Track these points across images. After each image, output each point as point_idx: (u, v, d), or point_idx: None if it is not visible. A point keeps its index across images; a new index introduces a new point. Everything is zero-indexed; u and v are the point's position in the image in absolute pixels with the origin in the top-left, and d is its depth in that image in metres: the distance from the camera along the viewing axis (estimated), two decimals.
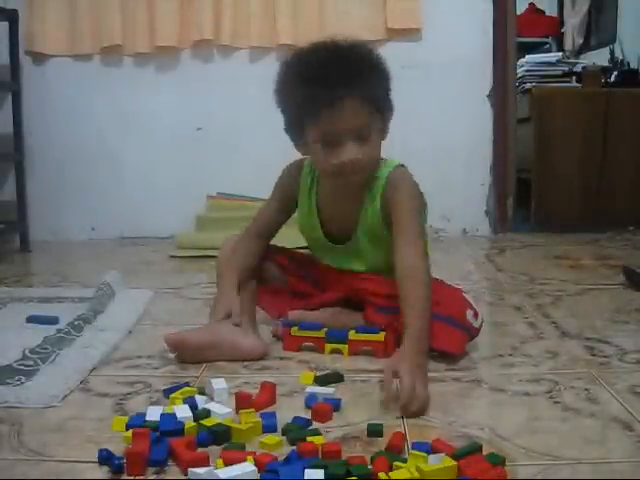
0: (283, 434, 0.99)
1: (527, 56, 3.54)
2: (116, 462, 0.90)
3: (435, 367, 1.29)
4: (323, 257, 1.53)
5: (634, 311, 1.68)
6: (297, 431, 0.99)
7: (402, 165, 1.43)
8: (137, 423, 1.00)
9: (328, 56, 1.30)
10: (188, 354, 1.32)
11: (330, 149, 1.31)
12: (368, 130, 1.31)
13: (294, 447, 0.93)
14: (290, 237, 1.63)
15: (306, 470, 0.84)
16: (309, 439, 0.94)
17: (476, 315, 1.34)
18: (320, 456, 0.90)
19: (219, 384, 1.15)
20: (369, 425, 1.00)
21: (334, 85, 1.25)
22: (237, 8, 2.78)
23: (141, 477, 0.89)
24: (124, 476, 0.89)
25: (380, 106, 1.34)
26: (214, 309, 1.44)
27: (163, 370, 1.30)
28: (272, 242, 1.56)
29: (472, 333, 1.34)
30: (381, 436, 0.98)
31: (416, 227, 1.33)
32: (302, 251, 1.61)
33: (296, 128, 1.36)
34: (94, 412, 1.10)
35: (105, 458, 0.91)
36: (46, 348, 1.36)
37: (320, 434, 0.97)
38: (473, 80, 2.84)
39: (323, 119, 1.28)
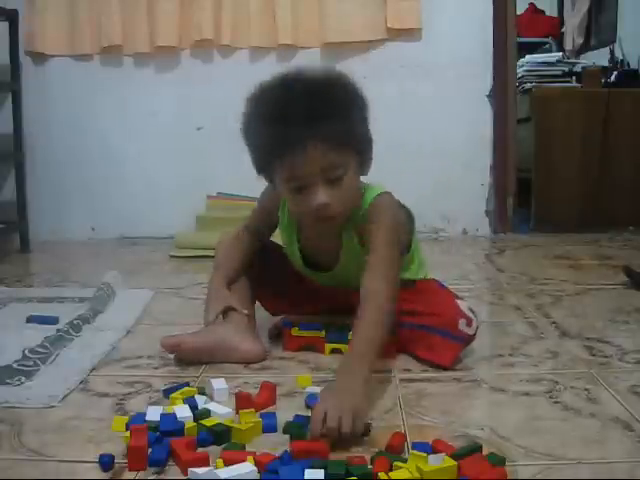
0: (284, 434, 1.00)
1: (527, 56, 3.54)
2: (106, 460, 0.90)
3: (435, 367, 1.29)
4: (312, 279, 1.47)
5: (634, 311, 1.68)
6: (298, 429, 0.99)
7: (385, 192, 1.32)
8: (137, 423, 1.00)
9: (291, 95, 1.18)
10: (185, 357, 1.32)
11: (299, 195, 1.22)
12: (339, 171, 1.20)
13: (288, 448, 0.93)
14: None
15: (306, 470, 0.84)
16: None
17: (470, 323, 1.29)
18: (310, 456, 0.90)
19: (219, 384, 1.15)
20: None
21: (297, 127, 1.15)
22: (237, 8, 2.78)
23: (142, 478, 0.89)
24: (125, 474, 0.89)
25: (352, 142, 1.21)
26: (207, 311, 1.40)
27: (163, 370, 1.30)
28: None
29: (466, 340, 1.31)
30: (367, 435, 0.98)
31: (388, 256, 1.23)
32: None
33: (265, 170, 1.28)
34: (94, 412, 1.10)
35: (106, 464, 0.91)
36: (46, 348, 1.36)
37: None
38: (473, 80, 2.83)
39: (288, 163, 1.19)
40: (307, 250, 1.41)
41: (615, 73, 3.36)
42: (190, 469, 0.86)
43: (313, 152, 1.17)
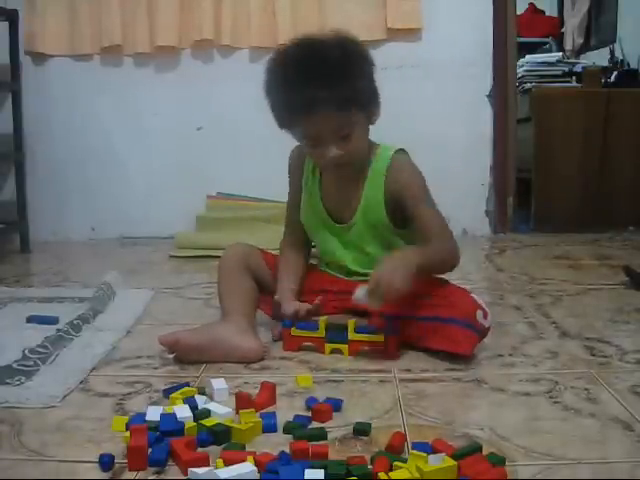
0: (284, 434, 1.00)
1: (527, 56, 3.54)
2: (106, 460, 0.90)
3: (435, 367, 1.29)
4: (325, 248, 1.53)
5: (634, 311, 1.68)
6: (299, 429, 0.99)
7: (401, 149, 1.48)
8: (137, 423, 1.00)
9: (303, 66, 1.33)
10: (183, 355, 1.32)
11: (315, 148, 1.40)
12: (347, 129, 1.36)
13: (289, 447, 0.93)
14: (269, 238, 1.65)
15: (306, 470, 0.84)
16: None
17: (485, 315, 1.34)
18: (310, 456, 0.90)
19: (219, 384, 1.15)
20: (356, 424, 1.01)
21: (308, 97, 1.30)
22: (237, 8, 2.78)
23: (142, 478, 0.89)
24: (125, 474, 0.89)
25: (359, 102, 1.36)
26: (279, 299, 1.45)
27: (163, 370, 1.30)
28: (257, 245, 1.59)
29: (483, 333, 1.35)
30: (367, 435, 0.99)
31: (432, 212, 1.43)
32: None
33: (285, 127, 1.42)
34: (94, 412, 1.10)
35: (106, 464, 0.91)
36: (46, 348, 1.36)
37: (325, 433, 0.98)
38: (473, 80, 2.83)
39: (302, 126, 1.38)
40: (327, 202, 1.51)
41: (615, 73, 3.36)
42: (190, 469, 0.86)
43: (322, 119, 1.33)
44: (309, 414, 1.06)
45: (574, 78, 3.36)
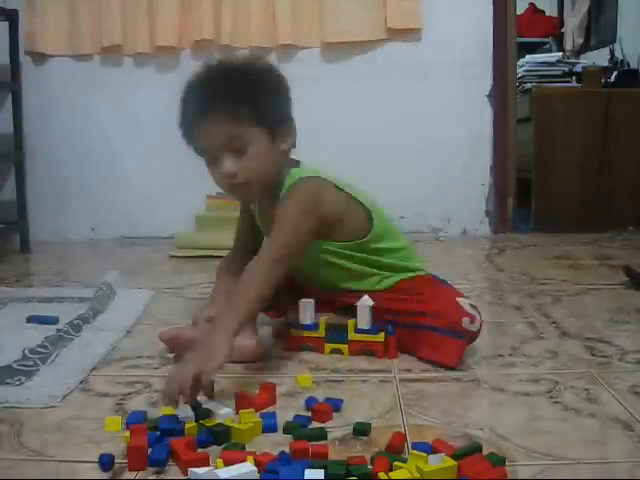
0: (284, 434, 1.00)
1: (527, 56, 3.54)
2: (106, 460, 0.90)
3: (435, 367, 1.29)
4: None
5: (634, 311, 1.68)
6: (299, 429, 0.99)
7: (313, 177, 1.36)
8: (134, 421, 1.01)
9: (199, 80, 1.34)
10: (183, 351, 1.32)
11: (212, 166, 1.34)
12: (240, 142, 1.29)
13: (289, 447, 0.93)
14: None
15: (306, 470, 0.84)
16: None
17: (473, 320, 1.30)
18: (310, 456, 0.90)
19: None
20: (356, 424, 1.01)
21: (199, 106, 1.30)
22: (237, 8, 2.78)
23: (142, 478, 0.89)
24: (125, 474, 0.90)
25: (257, 117, 1.29)
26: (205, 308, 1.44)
27: (163, 370, 1.30)
28: None
29: (470, 337, 1.32)
30: (367, 435, 0.99)
31: (283, 231, 1.29)
32: None
33: (192, 147, 1.39)
34: (94, 412, 1.10)
35: (106, 464, 0.91)
36: (46, 348, 1.36)
37: (325, 433, 0.98)
38: (473, 80, 2.83)
39: (196, 138, 1.34)
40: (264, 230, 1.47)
41: (615, 73, 3.36)
42: (190, 469, 0.86)
43: (212, 126, 1.29)
44: (309, 414, 1.06)
45: (574, 78, 3.36)
